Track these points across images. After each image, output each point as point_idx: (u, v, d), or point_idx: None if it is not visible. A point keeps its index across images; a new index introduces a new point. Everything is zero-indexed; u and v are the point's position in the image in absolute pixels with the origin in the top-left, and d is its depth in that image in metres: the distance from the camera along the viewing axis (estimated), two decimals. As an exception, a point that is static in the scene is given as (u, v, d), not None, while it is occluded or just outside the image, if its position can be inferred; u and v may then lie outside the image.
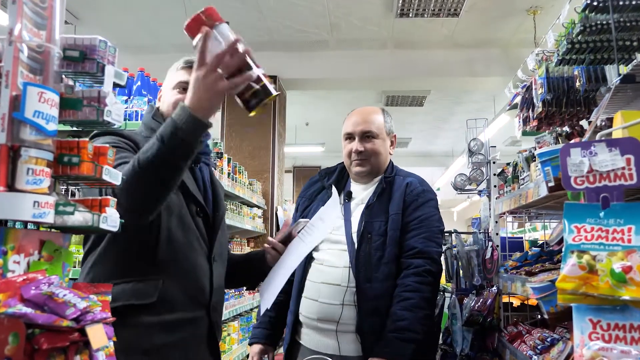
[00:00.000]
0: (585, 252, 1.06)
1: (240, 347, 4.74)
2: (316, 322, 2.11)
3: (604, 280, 1.01)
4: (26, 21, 0.96)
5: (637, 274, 0.99)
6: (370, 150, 2.24)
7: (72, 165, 1.02)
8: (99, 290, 1.09)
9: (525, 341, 2.09)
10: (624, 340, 1.02)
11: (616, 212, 1.08)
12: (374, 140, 2.25)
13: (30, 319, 0.87)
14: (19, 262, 0.95)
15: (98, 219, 1.05)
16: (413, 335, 1.93)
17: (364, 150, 2.23)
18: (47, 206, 0.93)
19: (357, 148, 2.23)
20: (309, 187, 2.41)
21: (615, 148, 1.10)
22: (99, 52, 1.09)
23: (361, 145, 2.23)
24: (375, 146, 2.24)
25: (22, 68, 0.94)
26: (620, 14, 1.92)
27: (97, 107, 1.07)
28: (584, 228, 1.09)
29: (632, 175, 1.09)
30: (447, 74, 7.06)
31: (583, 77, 2.37)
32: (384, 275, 2.05)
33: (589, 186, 1.12)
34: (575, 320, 1.07)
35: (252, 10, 5.92)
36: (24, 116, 0.91)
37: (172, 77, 1.86)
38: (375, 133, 2.25)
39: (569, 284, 1.04)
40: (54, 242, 1.04)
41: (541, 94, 2.62)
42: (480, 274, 2.61)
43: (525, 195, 2.00)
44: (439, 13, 5.84)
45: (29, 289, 0.92)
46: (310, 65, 7.17)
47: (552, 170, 1.50)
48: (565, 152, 1.15)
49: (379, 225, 2.12)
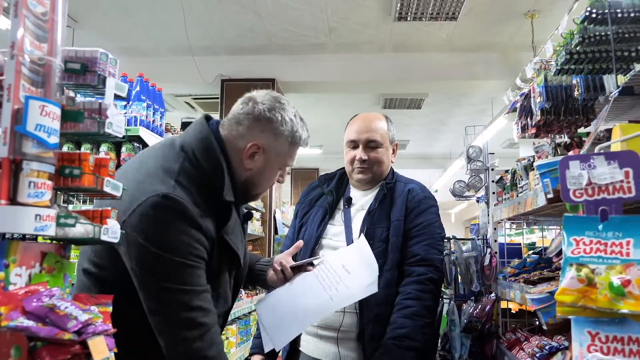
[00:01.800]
0: (584, 265, 1.07)
1: (238, 351, 4.73)
2: (316, 329, 2.10)
3: (603, 294, 1.02)
4: (28, 34, 0.97)
5: (636, 287, 0.99)
6: (374, 159, 2.22)
7: (74, 177, 1.03)
8: (99, 301, 1.09)
9: (524, 348, 2.10)
10: (622, 353, 1.02)
11: (615, 225, 1.09)
12: (377, 150, 2.22)
13: (32, 333, 0.87)
14: (21, 274, 0.96)
15: (99, 231, 1.06)
16: (413, 344, 1.92)
17: (367, 159, 2.21)
18: (48, 219, 0.94)
19: (362, 157, 2.21)
20: (308, 193, 2.40)
21: (614, 161, 1.11)
22: (100, 64, 1.09)
23: (365, 154, 2.21)
24: (378, 155, 2.22)
25: (24, 81, 0.95)
26: (619, 26, 1.93)
27: (98, 119, 1.07)
28: (583, 241, 1.10)
29: (631, 188, 1.10)
30: (445, 77, 7.07)
31: (581, 86, 2.37)
32: (386, 282, 2.03)
33: (587, 199, 1.13)
34: (574, 333, 1.07)
35: (251, 13, 5.92)
36: (26, 130, 0.92)
37: (280, 151, 1.64)
38: (380, 142, 2.22)
39: (568, 297, 1.05)
40: (55, 254, 1.04)
41: (539, 102, 2.63)
42: (479, 280, 2.62)
43: (524, 203, 2.01)
44: (437, 17, 5.84)
45: (31, 301, 0.92)
46: (309, 68, 7.17)
47: (551, 182, 1.50)
48: (564, 165, 1.16)
49: (381, 231, 2.11)
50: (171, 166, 1.48)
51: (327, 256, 2.01)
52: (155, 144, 1.70)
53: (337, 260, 1.95)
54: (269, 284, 1.94)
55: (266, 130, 1.60)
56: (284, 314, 1.85)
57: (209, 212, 1.49)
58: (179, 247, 1.39)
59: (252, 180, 1.64)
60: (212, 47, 6.74)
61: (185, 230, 1.41)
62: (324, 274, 1.89)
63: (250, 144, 1.58)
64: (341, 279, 1.87)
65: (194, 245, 1.42)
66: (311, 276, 1.90)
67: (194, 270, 1.43)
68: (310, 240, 2.18)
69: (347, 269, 1.90)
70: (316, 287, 1.86)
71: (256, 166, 1.62)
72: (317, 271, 1.91)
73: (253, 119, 1.59)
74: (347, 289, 1.84)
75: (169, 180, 1.44)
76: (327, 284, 1.86)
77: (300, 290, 1.88)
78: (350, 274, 1.89)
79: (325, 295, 1.83)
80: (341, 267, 1.91)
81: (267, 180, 1.67)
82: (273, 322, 1.87)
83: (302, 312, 1.83)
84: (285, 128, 1.61)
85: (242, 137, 1.59)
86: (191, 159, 1.52)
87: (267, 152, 1.61)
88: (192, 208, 1.42)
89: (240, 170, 1.61)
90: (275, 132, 1.60)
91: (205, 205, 1.48)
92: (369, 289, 1.88)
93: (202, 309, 1.43)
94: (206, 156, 1.53)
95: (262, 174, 1.64)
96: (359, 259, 1.96)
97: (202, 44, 6.56)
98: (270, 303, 1.92)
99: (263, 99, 1.62)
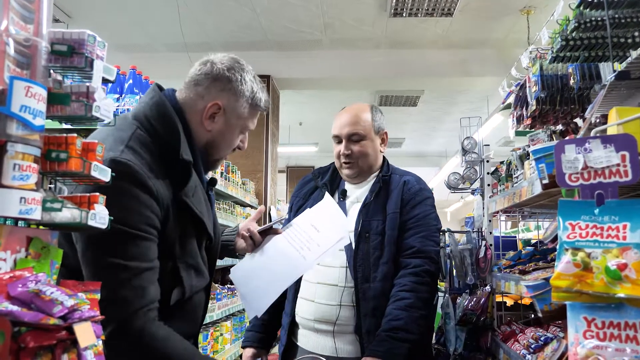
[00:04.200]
0: (580, 249, 1.06)
1: (233, 347, 4.72)
2: (313, 323, 2.09)
3: (599, 278, 1.01)
4: (13, 15, 0.95)
5: (632, 271, 0.98)
6: (358, 152, 2.19)
7: (60, 161, 1.01)
8: (87, 288, 1.07)
9: (519, 340, 2.09)
10: (619, 338, 1.01)
11: (611, 209, 1.08)
12: (361, 142, 2.19)
13: (17, 317, 0.85)
14: (5, 259, 0.94)
15: (86, 216, 1.04)
16: (408, 335, 1.91)
17: (351, 153, 2.19)
18: (34, 202, 0.92)
19: (344, 151, 2.19)
20: (302, 187, 2.39)
21: (610, 145, 1.10)
22: (88, 46, 1.07)
23: (347, 149, 2.19)
24: (362, 148, 2.20)
25: (9, 62, 0.93)
26: (615, 10, 1.91)
27: (85, 102, 1.05)
28: (579, 225, 1.09)
29: (627, 172, 1.08)
30: (440, 73, 7.07)
31: (577, 74, 2.36)
32: (383, 274, 2.03)
33: (583, 183, 1.12)
34: (569, 319, 1.06)
35: (246, 9, 5.90)
36: (10, 111, 0.90)
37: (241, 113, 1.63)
38: (362, 134, 2.19)
39: (564, 282, 1.04)
40: (42, 239, 1.02)
41: (535, 92, 2.62)
42: (474, 273, 2.61)
43: (519, 193, 2.00)
44: (433, 13, 5.84)
45: (16, 286, 0.90)
46: (304, 64, 7.16)
47: (546, 167, 1.49)
48: (559, 149, 1.14)
49: (377, 224, 2.10)
50: (122, 135, 1.42)
51: (296, 218, 2.01)
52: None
53: (306, 221, 1.95)
54: (238, 252, 1.92)
55: (226, 89, 1.58)
56: (260, 281, 1.84)
57: (163, 175, 1.43)
58: (127, 216, 1.31)
59: (212, 143, 1.60)
60: (207, 43, 6.72)
61: (134, 195, 1.33)
62: (293, 235, 1.89)
63: (210, 104, 1.56)
64: (311, 237, 1.87)
65: (144, 213, 1.35)
66: (281, 239, 1.90)
67: (142, 242, 1.34)
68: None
69: (316, 228, 1.91)
70: (288, 249, 1.86)
71: (216, 128, 1.59)
72: (286, 234, 1.90)
73: (212, 79, 1.57)
74: (318, 246, 1.85)
75: (119, 146, 1.37)
76: (297, 244, 1.86)
77: (272, 254, 1.87)
78: (320, 232, 1.89)
79: (298, 255, 1.83)
80: (310, 226, 1.92)
81: (228, 143, 1.64)
82: (250, 289, 1.86)
83: (278, 276, 1.83)
84: (245, 88, 1.59)
85: (201, 97, 1.57)
86: (145, 125, 1.47)
87: (227, 113, 1.59)
88: (142, 170, 1.36)
89: (200, 132, 1.57)
90: (236, 92, 1.58)
91: (160, 167, 1.42)
92: (340, 243, 1.88)
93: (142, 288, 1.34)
94: (160, 120, 1.48)
95: (223, 136, 1.61)
96: (327, 216, 1.96)
97: (197, 40, 6.53)
98: (244, 270, 1.90)
99: (222, 59, 1.60)
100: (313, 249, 1.84)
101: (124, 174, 1.31)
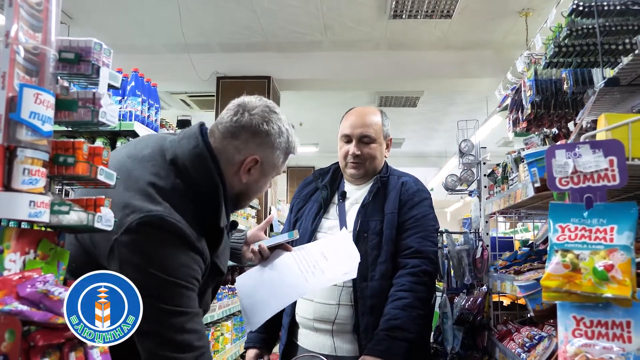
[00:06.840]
0: (569, 251, 1.09)
1: (233, 347, 4.75)
2: (312, 322, 2.11)
3: (587, 278, 1.04)
4: (22, 23, 0.98)
5: (619, 272, 1.01)
6: (367, 154, 2.21)
7: (68, 165, 1.04)
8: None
9: (514, 339, 2.12)
10: (606, 337, 1.05)
11: (599, 212, 1.11)
12: (371, 145, 2.21)
13: (26, 317, 0.89)
14: (15, 260, 0.97)
15: (93, 219, 1.07)
16: (406, 335, 1.93)
17: (360, 154, 2.20)
18: (42, 206, 0.95)
19: (354, 152, 2.20)
20: (303, 188, 2.41)
21: (598, 150, 1.13)
22: (94, 54, 1.10)
23: (358, 149, 2.20)
24: (372, 151, 2.21)
25: (19, 70, 0.96)
26: (606, 19, 1.95)
27: (92, 108, 1.09)
28: (568, 227, 1.12)
29: (615, 176, 1.11)
30: (440, 75, 7.10)
31: (570, 79, 2.40)
32: (381, 274, 2.05)
33: (573, 187, 1.15)
34: (559, 318, 1.09)
35: (246, 11, 5.92)
36: (20, 117, 0.93)
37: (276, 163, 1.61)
38: (373, 137, 2.21)
39: (553, 282, 1.07)
40: (50, 241, 1.06)
41: (530, 96, 2.65)
42: (471, 273, 2.64)
43: (514, 195, 2.03)
44: (432, 14, 5.87)
45: (25, 287, 0.93)
46: (304, 66, 7.18)
47: (538, 171, 1.53)
48: (550, 154, 1.17)
49: (375, 224, 2.12)
50: (162, 183, 1.42)
51: (309, 244, 2.04)
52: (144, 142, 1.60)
53: (318, 248, 1.97)
54: (244, 261, 1.95)
55: (264, 143, 1.54)
56: (261, 296, 1.87)
57: (200, 232, 1.44)
58: (179, 270, 1.36)
59: (245, 192, 1.61)
60: (207, 44, 6.75)
61: (185, 253, 1.38)
62: (302, 257, 1.91)
63: (249, 159, 1.53)
64: (318, 263, 1.89)
65: (193, 267, 1.39)
66: (289, 257, 1.92)
67: (190, 293, 1.39)
68: (305, 234, 2.19)
69: (325, 257, 1.92)
70: (293, 268, 1.88)
71: (252, 179, 1.57)
72: (295, 254, 1.92)
73: (250, 133, 1.52)
74: (322, 273, 1.86)
75: (162, 200, 1.38)
76: (303, 267, 1.87)
77: (278, 270, 1.89)
78: (328, 261, 1.90)
79: (301, 277, 1.85)
80: (320, 253, 1.93)
81: (259, 191, 1.65)
82: (251, 303, 1.89)
83: (278, 294, 1.85)
84: (282, 140, 1.57)
85: (238, 150, 1.53)
86: (183, 174, 1.46)
87: (263, 165, 1.57)
88: (189, 231, 1.38)
89: (234, 183, 1.55)
90: (273, 145, 1.55)
91: (198, 226, 1.43)
92: (345, 276, 1.90)
93: (197, 331, 1.40)
94: (202, 178, 1.47)
95: (257, 185, 1.61)
96: (340, 249, 1.98)
97: (197, 41, 6.55)
98: (249, 283, 1.93)
99: (254, 106, 1.55)
100: (317, 275, 1.86)
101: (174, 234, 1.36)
